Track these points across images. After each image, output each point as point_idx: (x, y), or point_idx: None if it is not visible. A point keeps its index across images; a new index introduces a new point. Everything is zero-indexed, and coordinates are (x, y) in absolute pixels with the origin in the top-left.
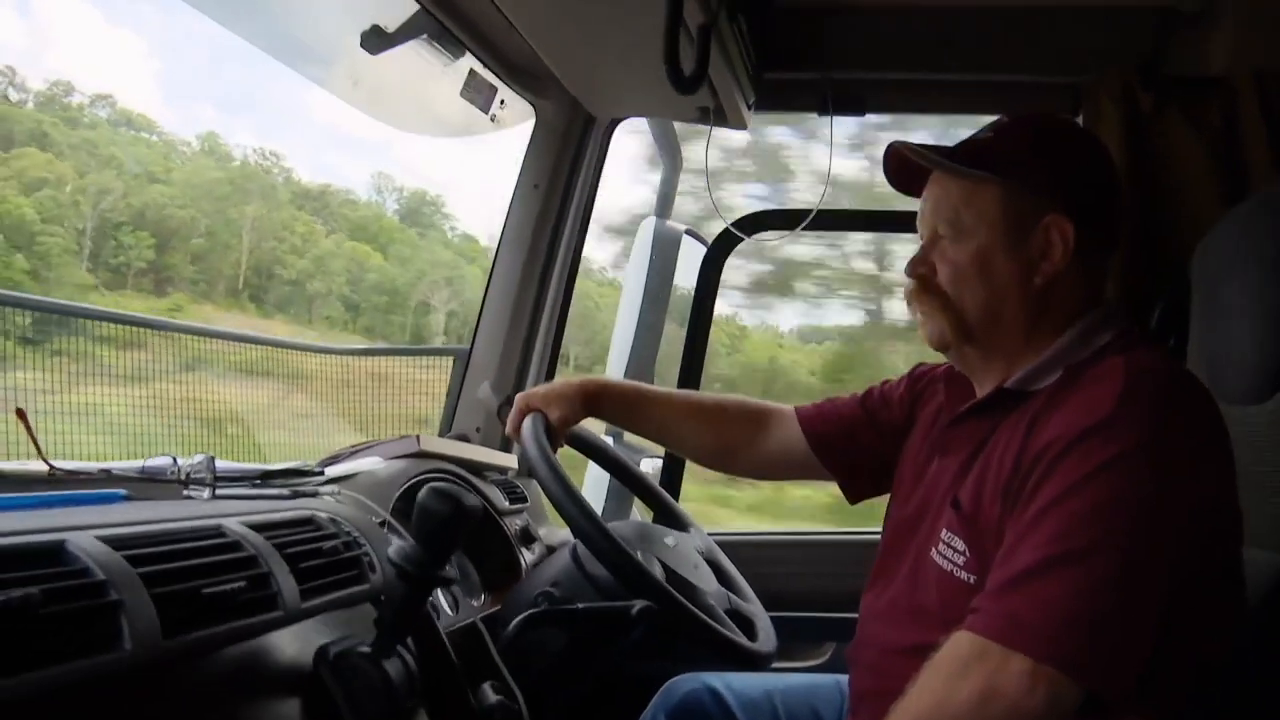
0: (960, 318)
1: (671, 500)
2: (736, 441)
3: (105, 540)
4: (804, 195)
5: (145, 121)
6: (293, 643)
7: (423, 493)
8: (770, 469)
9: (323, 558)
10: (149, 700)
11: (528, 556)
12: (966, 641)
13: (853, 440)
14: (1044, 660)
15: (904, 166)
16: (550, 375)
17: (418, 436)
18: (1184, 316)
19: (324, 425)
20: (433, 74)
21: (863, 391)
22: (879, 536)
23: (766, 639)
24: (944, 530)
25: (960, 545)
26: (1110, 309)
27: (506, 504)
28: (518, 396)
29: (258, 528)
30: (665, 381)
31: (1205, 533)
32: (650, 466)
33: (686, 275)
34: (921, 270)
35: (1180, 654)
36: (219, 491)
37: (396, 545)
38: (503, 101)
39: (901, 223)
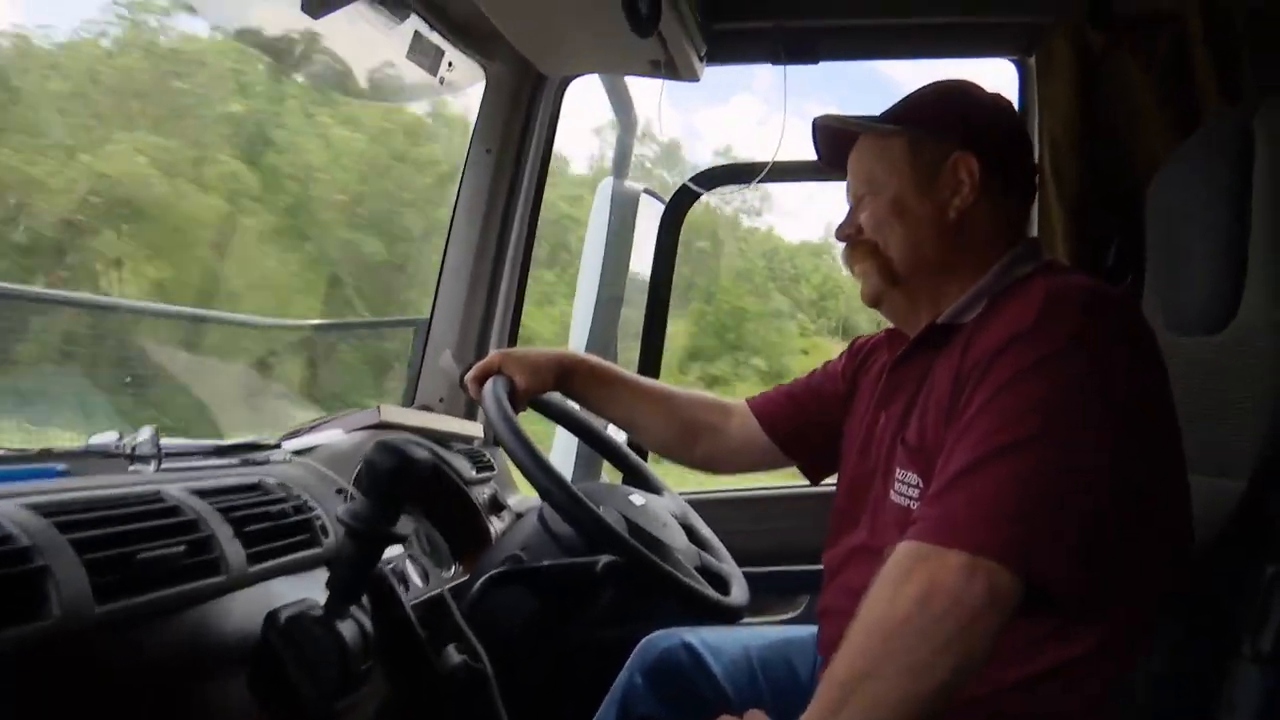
0: (886, 263)
1: (642, 463)
2: (697, 431)
3: (31, 507)
4: None
5: None
6: (241, 609)
7: (370, 447)
8: (730, 460)
9: (270, 521)
10: (83, 669)
11: (497, 525)
12: (906, 549)
13: (803, 418)
14: (979, 552)
15: (830, 143)
16: (513, 341)
17: (379, 407)
18: (1139, 253)
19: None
20: (377, 37)
21: (808, 374)
22: None
23: (739, 592)
24: (898, 469)
25: (914, 479)
26: (1032, 245)
27: (474, 473)
28: (494, 352)
29: (200, 493)
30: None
31: (1135, 435)
32: (617, 431)
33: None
34: (849, 230)
35: (1126, 565)
36: (165, 465)
37: (345, 504)
38: (450, 64)
39: None
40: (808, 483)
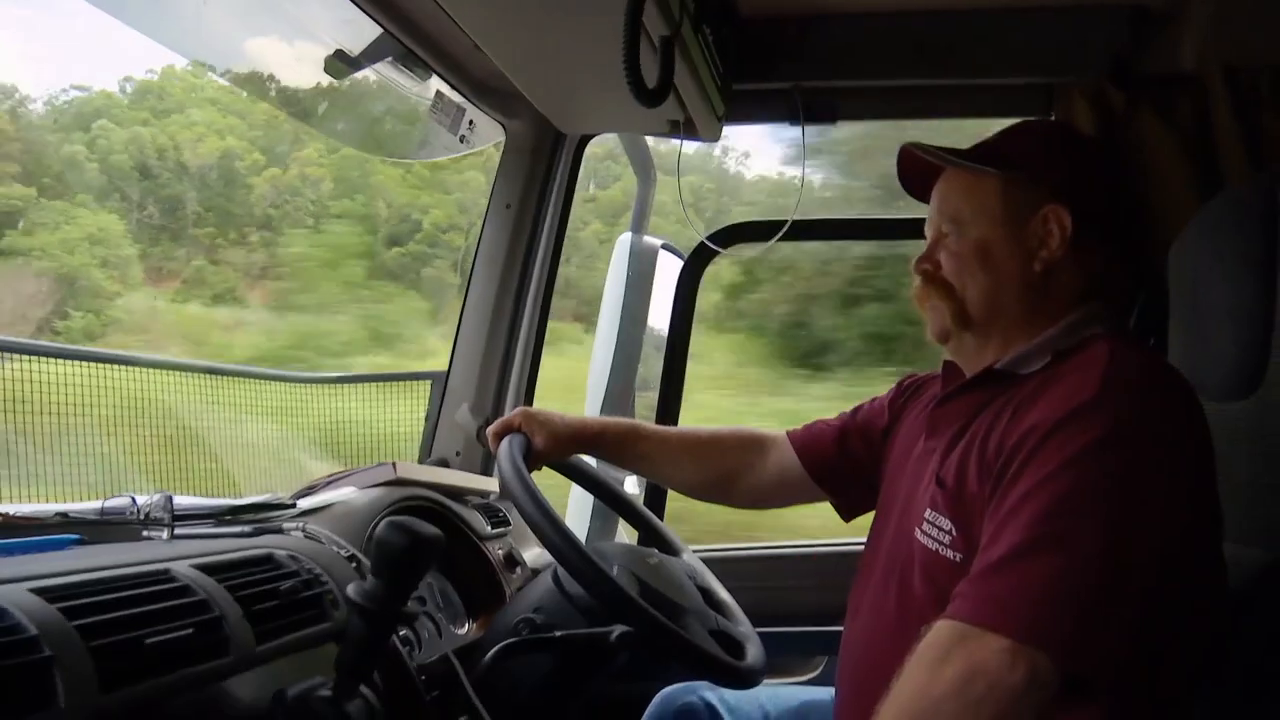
0: (962, 305)
1: (659, 522)
2: (734, 472)
3: (39, 592)
4: None
5: None
6: (248, 688)
7: (380, 527)
8: (767, 496)
9: (280, 598)
10: None
11: (512, 581)
12: (948, 628)
13: (844, 453)
14: (1024, 640)
15: (915, 170)
16: (530, 396)
17: (394, 464)
18: (1163, 314)
19: None
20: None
21: (852, 408)
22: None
23: (754, 657)
24: (928, 510)
25: (945, 524)
26: (1104, 305)
27: (489, 529)
28: (518, 410)
29: (209, 569)
30: None
31: (1187, 519)
32: (633, 485)
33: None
34: (926, 266)
35: (1166, 645)
36: (178, 531)
37: (355, 583)
38: (471, 122)
39: (876, 230)
40: (828, 541)
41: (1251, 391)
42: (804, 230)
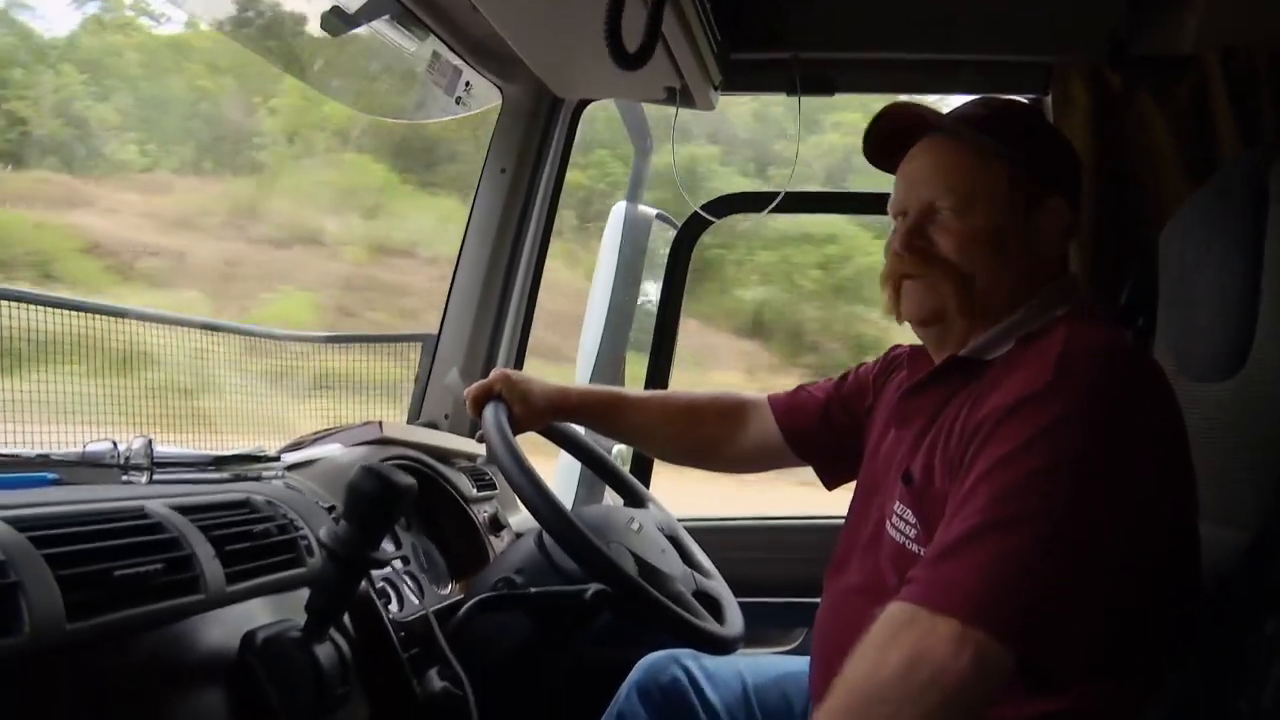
0: (969, 289)
1: (628, 475)
2: (713, 440)
3: (9, 521)
4: None
5: None
6: (219, 628)
7: (354, 473)
8: (747, 462)
9: (252, 540)
10: (53, 686)
11: (496, 544)
12: (898, 610)
13: (827, 425)
14: (971, 623)
15: (885, 133)
16: (520, 361)
17: (380, 423)
18: (1152, 295)
19: None
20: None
21: (839, 375)
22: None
23: (733, 623)
24: (897, 503)
25: (911, 518)
26: (1068, 281)
27: (474, 491)
28: (496, 372)
29: (184, 509)
30: None
31: (1147, 500)
32: (621, 448)
33: None
34: (920, 243)
35: (1132, 626)
36: (158, 476)
37: (327, 527)
38: (468, 84)
39: (868, 204)
40: (810, 513)
41: (1235, 372)
42: (797, 202)
